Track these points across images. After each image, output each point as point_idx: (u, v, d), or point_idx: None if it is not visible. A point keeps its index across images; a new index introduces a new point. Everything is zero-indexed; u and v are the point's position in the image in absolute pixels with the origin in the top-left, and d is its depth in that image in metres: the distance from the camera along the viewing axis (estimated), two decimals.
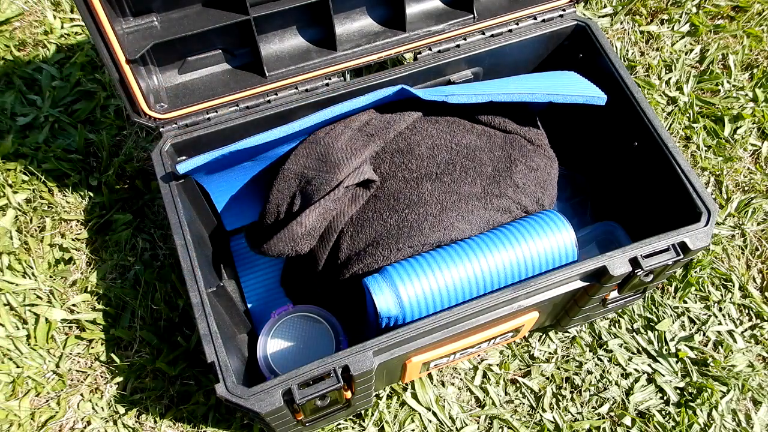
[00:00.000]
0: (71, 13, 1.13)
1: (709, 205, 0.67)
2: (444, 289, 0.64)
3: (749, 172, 1.01)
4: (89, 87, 1.05)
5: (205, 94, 0.72)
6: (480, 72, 0.83)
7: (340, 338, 0.73)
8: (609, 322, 0.89)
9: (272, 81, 0.73)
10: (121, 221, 0.94)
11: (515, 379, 0.85)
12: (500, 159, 0.73)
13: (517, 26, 0.80)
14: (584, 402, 0.84)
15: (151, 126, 0.70)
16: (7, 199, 0.95)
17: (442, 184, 0.71)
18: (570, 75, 0.78)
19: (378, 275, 0.65)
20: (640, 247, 0.64)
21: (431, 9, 0.79)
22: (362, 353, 0.58)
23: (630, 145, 0.77)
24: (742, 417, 0.83)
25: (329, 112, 0.70)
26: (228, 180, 0.74)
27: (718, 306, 0.91)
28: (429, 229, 0.68)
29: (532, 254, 0.66)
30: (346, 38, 0.77)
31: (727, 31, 1.14)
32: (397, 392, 0.83)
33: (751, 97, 1.07)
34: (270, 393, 0.56)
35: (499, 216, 0.71)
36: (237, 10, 0.67)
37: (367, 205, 0.71)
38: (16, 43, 1.09)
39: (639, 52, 1.12)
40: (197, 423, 0.82)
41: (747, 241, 0.95)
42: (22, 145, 0.99)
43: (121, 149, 1.00)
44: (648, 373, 0.86)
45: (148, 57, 0.69)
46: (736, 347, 0.88)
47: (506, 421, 0.82)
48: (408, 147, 0.73)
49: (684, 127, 1.04)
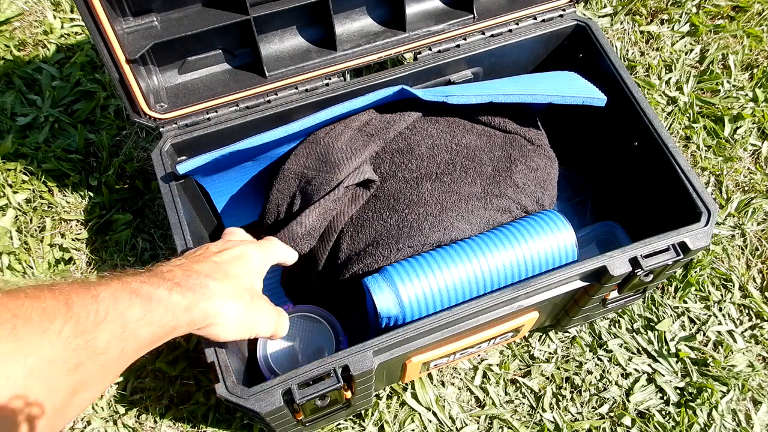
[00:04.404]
0: (71, 13, 1.13)
1: (709, 205, 0.67)
2: (444, 289, 0.64)
3: (749, 172, 1.01)
4: (89, 87, 1.05)
5: (205, 94, 0.72)
6: (480, 72, 0.83)
7: (340, 338, 0.73)
8: (609, 322, 0.89)
9: (272, 81, 0.73)
10: (121, 221, 0.94)
11: (515, 379, 0.85)
12: (500, 159, 0.74)
13: (517, 26, 0.80)
14: (584, 402, 0.84)
15: (151, 126, 0.70)
16: (7, 199, 0.95)
17: (442, 184, 0.71)
18: (570, 75, 0.78)
19: (378, 275, 0.65)
20: (640, 247, 0.64)
21: (431, 9, 0.79)
22: (362, 353, 0.58)
23: (630, 145, 0.77)
24: (742, 417, 0.83)
25: (329, 112, 0.70)
26: (228, 180, 0.74)
27: (718, 306, 0.90)
28: (429, 229, 0.68)
29: (532, 254, 0.66)
30: (346, 38, 0.77)
31: (727, 31, 1.14)
32: (397, 392, 0.83)
33: (751, 97, 1.07)
34: (270, 393, 0.56)
35: (499, 216, 0.71)
36: (237, 10, 0.67)
37: (367, 205, 0.71)
38: (16, 43, 1.09)
39: (639, 52, 1.12)
40: (197, 423, 0.82)
41: (747, 241, 0.95)
42: (22, 145, 0.99)
43: (121, 149, 1.00)
44: (648, 373, 0.86)
45: (148, 57, 0.69)
46: (736, 347, 0.88)
47: (506, 421, 0.82)
48: (408, 147, 0.73)
49: (684, 127, 1.04)
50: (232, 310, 0.52)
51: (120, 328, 0.42)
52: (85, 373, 0.40)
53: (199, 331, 0.51)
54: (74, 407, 0.41)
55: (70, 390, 0.39)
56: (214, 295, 0.51)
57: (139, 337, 0.44)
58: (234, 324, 0.53)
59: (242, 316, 0.53)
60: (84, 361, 0.39)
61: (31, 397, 0.37)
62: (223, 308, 0.51)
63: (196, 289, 0.49)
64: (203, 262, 0.54)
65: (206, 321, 0.50)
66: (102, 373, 0.42)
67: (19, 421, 0.36)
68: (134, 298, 0.44)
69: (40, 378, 0.37)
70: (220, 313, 0.51)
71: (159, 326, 0.45)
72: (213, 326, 0.51)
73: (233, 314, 0.52)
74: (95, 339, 0.40)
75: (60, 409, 0.39)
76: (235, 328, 0.53)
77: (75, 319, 0.39)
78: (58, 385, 0.38)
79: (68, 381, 0.39)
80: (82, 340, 0.39)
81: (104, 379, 0.42)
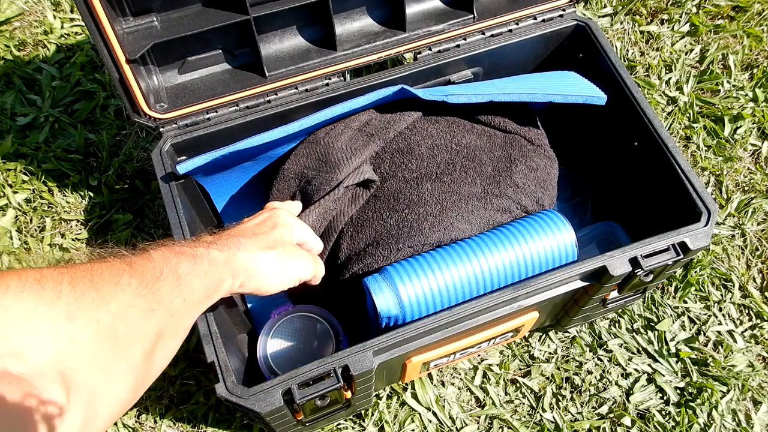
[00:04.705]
0: (71, 13, 1.13)
1: (709, 205, 0.67)
2: (444, 289, 0.64)
3: (749, 172, 1.01)
4: (89, 87, 1.05)
5: (205, 94, 0.72)
6: (480, 72, 0.83)
7: (340, 338, 0.73)
8: (609, 322, 0.89)
9: (272, 81, 0.73)
10: (121, 221, 0.94)
11: (515, 379, 0.85)
12: (500, 159, 0.73)
13: (517, 26, 0.80)
14: (584, 402, 0.84)
15: (151, 126, 0.70)
16: (7, 199, 0.95)
17: (442, 184, 0.71)
18: (570, 75, 0.78)
19: (378, 275, 0.65)
20: (640, 247, 0.64)
21: (431, 9, 0.79)
22: (362, 353, 0.58)
23: (630, 145, 0.77)
24: (742, 417, 0.83)
25: (329, 112, 0.70)
26: (228, 180, 0.74)
27: (718, 306, 0.90)
28: (429, 229, 0.68)
29: (532, 254, 0.66)
30: (346, 38, 0.77)
31: (727, 31, 1.14)
32: (397, 392, 0.83)
33: (751, 97, 1.07)
34: (270, 393, 0.56)
35: (499, 216, 0.71)
36: (237, 10, 0.67)
37: (367, 205, 0.71)
38: (16, 43, 1.09)
39: (639, 52, 1.12)
40: (197, 423, 0.82)
41: (747, 241, 0.95)
42: (22, 145, 0.99)
43: (121, 149, 1.00)
44: (648, 373, 0.86)
45: (148, 57, 0.69)
46: (736, 347, 0.88)
47: (506, 421, 0.82)
48: (408, 147, 0.73)
49: (684, 127, 1.04)
50: (267, 258, 0.57)
51: (176, 280, 0.48)
52: (159, 320, 0.45)
53: (243, 288, 0.56)
54: (159, 355, 0.46)
55: (152, 335, 0.45)
56: (247, 247, 0.56)
57: (194, 288, 0.49)
58: (273, 272, 0.57)
59: (279, 264, 0.58)
60: (156, 308, 0.45)
61: (121, 339, 0.42)
62: (258, 257, 0.56)
63: (230, 244, 0.55)
64: (233, 228, 0.60)
65: (246, 273, 0.55)
66: (174, 323, 0.47)
67: (115, 361, 0.41)
68: (181, 257, 0.50)
69: (125, 321, 0.42)
70: (257, 262, 0.56)
71: (207, 278, 0.51)
72: (253, 278, 0.56)
73: (269, 262, 0.57)
74: (159, 290, 0.46)
75: (148, 354, 0.44)
76: (275, 275, 0.58)
77: (139, 274, 0.45)
78: (142, 329, 0.44)
79: (149, 326, 0.44)
80: (149, 291, 0.45)
81: (177, 329, 0.48)
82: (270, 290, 0.58)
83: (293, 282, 0.60)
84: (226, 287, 0.54)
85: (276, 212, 0.63)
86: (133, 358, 0.43)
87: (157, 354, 0.46)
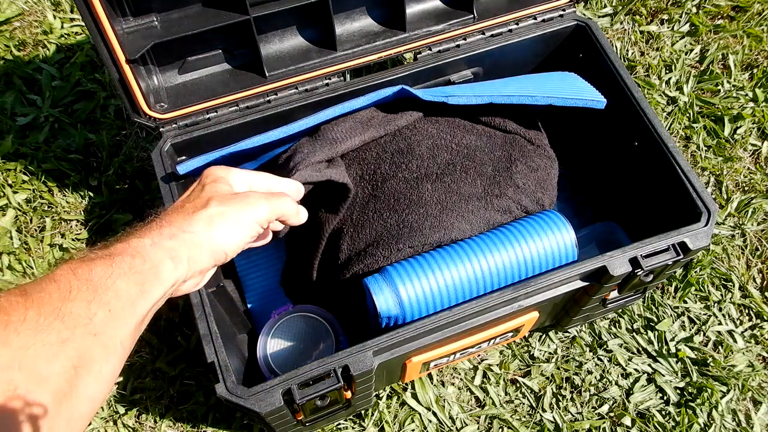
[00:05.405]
0: (71, 13, 1.13)
1: (709, 205, 0.67)
2: (444, 289, 0.64)
3: (749, 172, 1.01)
4: (89, 87, 1.05)
5: (205, 94, 0.72)
6: (480, 72, 0.83)
7: (340, 338, 0.73)
8: (609, 322, 0.89)
9: (272, 81, 0.73)
10: (121, 221, 0.94)
11: (515, 379, 0.85)
12: (500, 159, 0.74)
13: (517, 26, 0.80)
14: (584, 402, 0.84)
15: (151, 126, 0.70)
16: (7, 199, 0.95)
17: (443, 184, 0.71)
18: (570, 76, 0.78)
19: (378, 275, 0.65)
20: (640, 247, 0.64)
21: (431, 9, 0.79)
22: (362, 353, 0.58)
23: (630, 145, 0.77)
24: (742, 417, 0.83)
25: (329, 112, 0.70)
26: None
27: (718, 306, 0.90)
28: (429, 229, 0.68)
29: (532, 254, 0.66)
30: (346, 38, 0.77)
31: (727, 31, 1.14)
32: (397, 392, 0.83)
33: (751, 97, 1.07)
34: (270, 393, 0.56)
35: (499, 216, 0.71)
36: (237, 10, 0.67)
37: (367, 205, 0.71)
38: (16, 43, 1.09)
39: (639, 52, 1.12)
40: (197, 423, 0.82)
41: (747, 241, 0.95)
42: (22, 145, 0.99)
43: (121, 149, 1.00)
44: (648, 373, 0.86)
45: (148, 57, 0.69)
46: (736, 347, 0.88)
47: (506, 421, 0.82)
48: (408, 147, 0.73)
49: (684, 127, 1.04)
50: (201, 218, 0.48)
51: (92, 292, 0.40)
52: (76, 348, 0.38)
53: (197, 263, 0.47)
54: (88, 386, 0.39)
55: (66, 371, 0.37)
56: (173, 220, 0.48)
57: (120, 291, 0.41)
58: (218, 229, 0.48)
59: (219, 217, 0.49)
60: (67, 336, 0.37)
61: (21, 390, 0.35)
62: (191, 222, 0.48)
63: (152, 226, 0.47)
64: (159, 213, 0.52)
65: (185, 244, 0.46)
66: (100, 343, 0.39)
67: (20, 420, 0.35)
68: (92, 263, 0.42)
69: (22, 369, 0.35)
70: (192, 227, 0.47)
71: (135, 274, 0.43)
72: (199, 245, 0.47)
73: (206, 221, 0.48)
74: (70, 313, 0.38)
75: (66, 393, 0.37)
76: (222, 231, 0.49)
77: (36, 305, 0.38)
78: (49, 370, 0.37)
79: (58, 364, 0.37)
80: (54, 318, 0.37)
81: (106, 348, 0.40)
82: (229, 249, 0.49)
83: (252, 229, 0.51)
84: (170, 273, 0.45)
85: (203, 173, 0.54)
86: (40, 410, 0.36)
87: (83, 386, 0.38)
